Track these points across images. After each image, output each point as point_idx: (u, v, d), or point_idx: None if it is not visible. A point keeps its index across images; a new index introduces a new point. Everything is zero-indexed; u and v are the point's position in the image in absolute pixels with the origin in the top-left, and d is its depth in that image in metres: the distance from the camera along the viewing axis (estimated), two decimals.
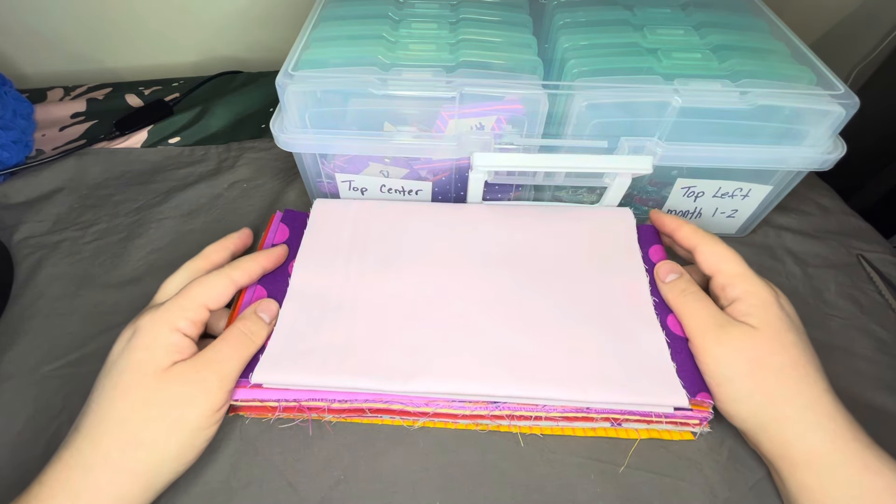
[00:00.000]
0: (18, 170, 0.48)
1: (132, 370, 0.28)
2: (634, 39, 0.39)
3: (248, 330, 0.31)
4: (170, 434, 0.27)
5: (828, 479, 0.26)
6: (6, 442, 0.32)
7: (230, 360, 0.30)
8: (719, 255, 0.32)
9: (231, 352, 0.30)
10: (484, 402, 0.31)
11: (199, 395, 0.28)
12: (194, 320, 0.30)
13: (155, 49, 0.65)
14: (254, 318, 0.32)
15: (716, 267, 0.32)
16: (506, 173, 0.39)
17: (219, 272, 0.33)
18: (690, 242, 0.34)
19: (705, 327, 0.30)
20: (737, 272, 0.31)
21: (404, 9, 0.43)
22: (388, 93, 0.34)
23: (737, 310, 0.30)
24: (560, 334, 0.33)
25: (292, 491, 0.30)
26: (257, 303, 0.34)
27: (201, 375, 0.28)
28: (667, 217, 0.37)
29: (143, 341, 0.29)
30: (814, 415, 0.27)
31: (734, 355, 0.29)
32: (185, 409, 0.28)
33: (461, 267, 0.36)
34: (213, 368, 0.29)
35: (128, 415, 0.27)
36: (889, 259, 0.43)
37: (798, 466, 0.27)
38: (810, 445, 0.27)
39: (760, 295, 0.30)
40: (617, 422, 0.31)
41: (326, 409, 0.31)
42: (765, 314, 0.29)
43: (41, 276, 0.41)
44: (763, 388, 0.28)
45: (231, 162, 0.51)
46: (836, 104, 0.34)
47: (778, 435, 0.28)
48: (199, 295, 0.31)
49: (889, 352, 0.37)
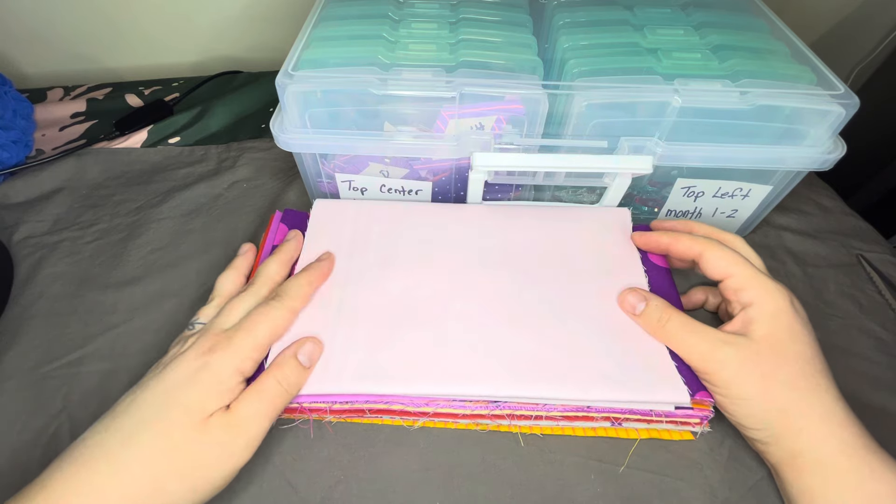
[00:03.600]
0: (18, 170, 0.48)
1: (184, 409, 0.26)
2: (634, 39, 0.39)
3: (284, 380, 0.29)
4: (191, 492, 0.26)
5: (833, 485, 0.26)
6: (6, 442, 0.32)
7: (262, 420, 0.28)
8: (728, 258, 0.31)
9: (264, 409, 0.28)
10: (484, 402, 0.31)
11: (229, 457, 0.27)
12: (257, 360, 0.30)
13: (155, 49, 0.65)
14: (292, 365, 0.30)
15: (725, 272, 0.31)
16: (506, 173, 0.39)
17: (278, 304, 0.31)
18: (693, 252, 0.33)
19: (703, 354, 0.29)
20: (747, 275, 0.30)
21: (404, 9, 0.43)
22: (388, 93, 0.34)
23: (746, 315, 0.30)
24: (560, 334, 0.33)
25: (292, 491, 0.30)
26: (299, 343, 0.31)
27: (232, 436, 0.27)
28: (655, 235, 0.36)
29: (209, 379, 0.27)
30: (827, 426, 0.27)
31: (743, 375, 0.28)
32: (212, 473, 0.26)
33: (461, 267, 0.36)
34: (245, 429, 0.27)
35: (157, 460, 0.25)
36: (889, 259, 0.43)
37: (805, 473, 0.27)
38: (821, 454, 0.27)
39: (775, 301, 0.29)
40: (617, 421, 0.31)
41: (328, 409, 0.31)
42: (774, 323, 0.29)
43: (41, 276, 0.40)
44: (777, 403, 0.28)
45: (231, 162, 0.51)
46: (836, 104, 0.34)
47: (790, 445, 0.28)
48: (266, 332, 0.30)
49: (889, 352, 0.37)
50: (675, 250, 0.34)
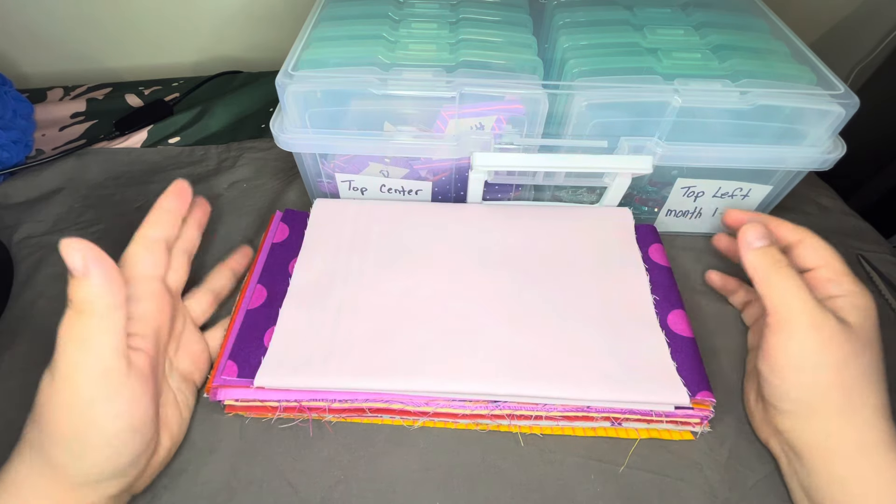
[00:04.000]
0: (18, 170, 0.48)
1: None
2: (634, 39, 0.39)
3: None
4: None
5: (867, 476, 0.26)
6: (6, 442, 0.32)
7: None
8: (828, 251, 0.31)
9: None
10: (484, 402, 0.31)
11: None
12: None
13: (155, 49, 0.65)
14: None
15: (825, 260, 0.31)
16: (506, 173, 0.39)
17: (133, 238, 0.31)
18: (793, 237, 0.32)
19: (805, 308, 0.28)
20: (844, 271, 0.30)
21: (404, 9, 0.43)
22: (388, 93, 0.34)
23: (836, 304, 0.29)
24: (560, 333, 0.33)
25: (292, 491, 0.30)
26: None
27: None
28: (753, 215, 0.34)
29: None
30: (877, 417, 0.27)
31: (829, 345, 0.28)
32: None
33: (461, 266, 0.37)
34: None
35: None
36: (889, 259, 0.43)
37: (838, 457, 0.27)
38: (863, 440, 0.27)
39: (866, 299, 0.29)
40: (617, 421, 0.31)
41: (327, 409, 0.31)
42: (863, 318, 0.29)
43: (41, 276, 0.40)
44: (845, 384, 0.28)
45: (231, 162, 0.51)
46: (836, 104, 0.34)
47: (832, 425, 0.27)
48: (127, 255, 0.30)
49: (889, 352, 0.37)
50: (776, 229, 0.33)
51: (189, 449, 0.31)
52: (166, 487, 0.30)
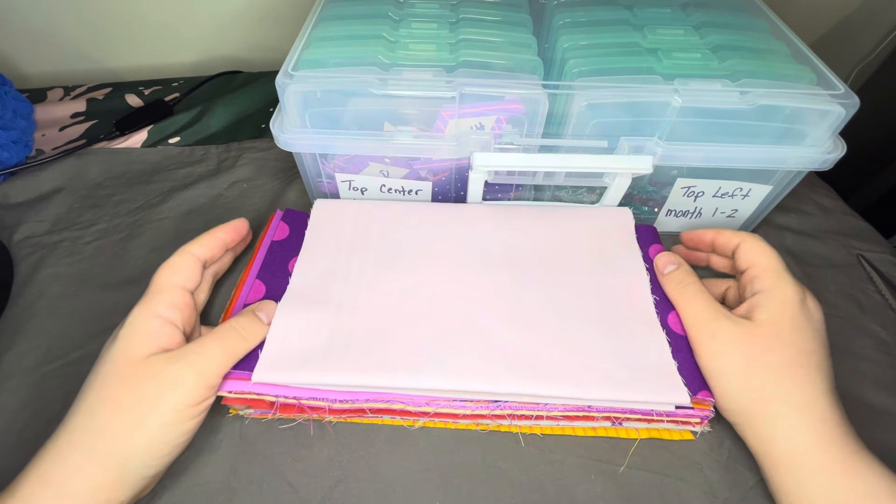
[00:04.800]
0: (18, 170, 0.48)
1: (109, 359, 0.28)
2: (634, 39, 0.39)
3: (240, 326, 0.31)
4: (137, 427, 0.26)
5: (807, 483, 0.26)
6: (6, 442, 0.32)
7: (212, 354, 0.29)
8: (759, 250, 0.32)
9: (215, 346, 0.29)
10: (485, 402, 0.31)
11: (172, 388, 0.27)
12: (172, 303, 0.30)
13: (155, 49, 0.65)
14: (250, 316, 0.32)
15: (751, 261, 0.32)
16: (506, 173, 0.39)
17: (178, 251, 0.33)
18: (733, 242, 0.34)
19: (702, 320, 0.31)
20: (769, 266, 0.31)
21: (404, 9, 0.43)
22: (388, 93, 0.34)
23: (755, 300, 0.30)
24: (560, 333, 0.33)
25: (292, 491, 0.30)
26: (259, 303, 0.33)
27: (176, 367, 0.27)
28: (699, 231, 0.37)
29: (124, 330, 0.29)
30: (802, 417, 0.27)
31: (728, 350, 0.29)
32: (157, 403, 0.27)
33: (461, 266, 0.36)
34: (190, 360, 0.28)
35: (99, 404, 0.27)
36: (889, 259, 0.43)
37: (780, 466, 0.27)
38: (793, 446, 0.27)
39: (785, 292, 0.30)
40: (618, 421, 0.31)
41: (327, 409, 0.31)
42: (778, 311, 0.29)
43: (41, 276, 0.40)
44: (754, 384, 0.28)
45: (231, 162, 0.51)
46: (836, 104, 0.34)
47: (763, 431, 0.28)
48: (166, 276, 0.31)
49: (889, 352, 0.37)
50: (719, 242, 0.35)
51: (189, 449, 0.31)
52: (166, 487, 0.30)
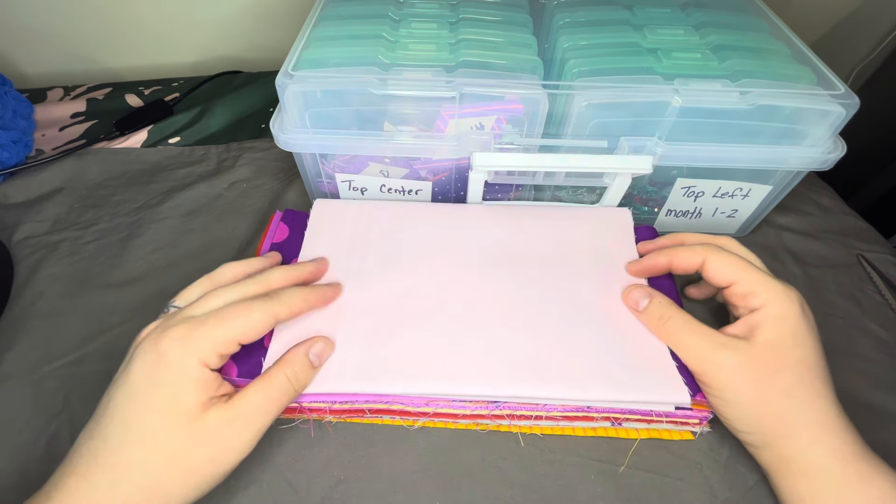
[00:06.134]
0: (18, 170, 0.48)
1: (160, 412, 0.25)
2: (634, 39, 0.39)
3: (293, 376, 0.28)
4: (195, 489, 0.25)
5: (822, 491, 0.26)
6: (6, 442, 0.32)
7: (268, 415, 0.27)
8: (732, 264, 0.30)
9: (270, 404, 0.27)
10: (484, 402, 0.31)
11: (231, 452, 0.26)
12: (224, 355, 0.27)
13: (155, 49, 0.65)
14: (302, 363, 0.29)
15: (730, 277, 0.30)
16: (506, 173, 0.39)
17: (261, 304, 0.28)
18: (695, 263, 0.32)
19: (699, 356, 0.29)
20: (754, 279, 0.30)
21: (404, 8, 0.43)
22: (388, 93, 0.34)
23: (752, 319, 0.29)
24: (560, 334, 0.33)
25: (292, 491, 0.30)
26: (311, 342, 0.30)
27: (236, 430, 0.26)
28: (651, 258, 0.34)
29: (171, 375, 0.26)
30: (818, 432, 0.27)
31: (738, 380, 0.28)
32: (216, 468, 0.25)
33: (461, 267, 0.36)
34: (249, 422, 0.26)
35: (154, 466, 0.25)
36: (889, 259, 0.43)
37: (795, 478, 0.27)
38: (810, 460, 0.27)
39: (783, 306, 0.29)
40: (617, 421, 0.31)
41: (328, 409, 0.31)
42: (779, 328, 0.28)
43: (41, 276, 0.40)
44: (770, 409, 0.28)
45: (231, 162, 0.51)
46: (836, 104, 0.34)
47: (781, 451, 0.28)
48: (237, 328, 0.27)
49: (889, 352, 0.37)
50: (677, 265, 0.33)
51: None
52: None
